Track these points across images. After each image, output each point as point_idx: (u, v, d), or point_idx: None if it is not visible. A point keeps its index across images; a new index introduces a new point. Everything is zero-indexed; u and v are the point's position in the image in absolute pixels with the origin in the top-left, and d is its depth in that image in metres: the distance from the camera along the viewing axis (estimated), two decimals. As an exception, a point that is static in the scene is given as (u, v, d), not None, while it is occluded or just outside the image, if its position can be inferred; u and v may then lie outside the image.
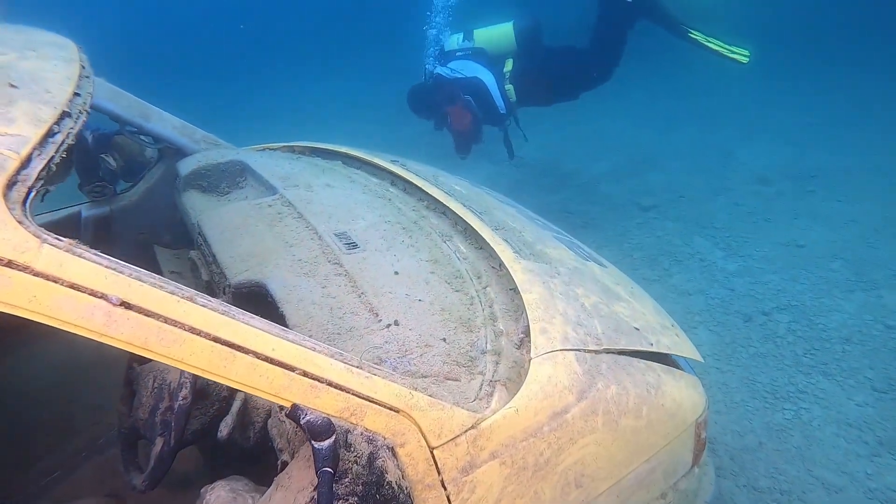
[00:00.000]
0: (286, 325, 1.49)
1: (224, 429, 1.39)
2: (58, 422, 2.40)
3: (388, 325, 1.46)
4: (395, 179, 2.50)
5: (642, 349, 1.66)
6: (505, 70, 5.34)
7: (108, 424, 2.25)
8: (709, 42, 4.90)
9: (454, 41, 5.54)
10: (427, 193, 2.26)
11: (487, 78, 5.26)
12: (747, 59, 4.90)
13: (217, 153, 2.69)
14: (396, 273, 1.70)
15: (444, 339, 1.47)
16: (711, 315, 4.03)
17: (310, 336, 1.45)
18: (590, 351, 1.52)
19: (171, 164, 2.74)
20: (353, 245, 1.83)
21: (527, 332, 1.52)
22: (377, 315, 1.52)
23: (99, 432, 2.37)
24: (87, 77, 1.38)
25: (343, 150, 2.82)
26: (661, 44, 6.02)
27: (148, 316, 0.90)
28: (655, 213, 5.61)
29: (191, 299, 0.95)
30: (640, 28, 5.16)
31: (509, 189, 6.94)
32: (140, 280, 0.91)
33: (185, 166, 2.60)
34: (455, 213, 2.07)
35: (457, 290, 1.69)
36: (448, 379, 1.36)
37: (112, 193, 2.77)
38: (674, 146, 7.27)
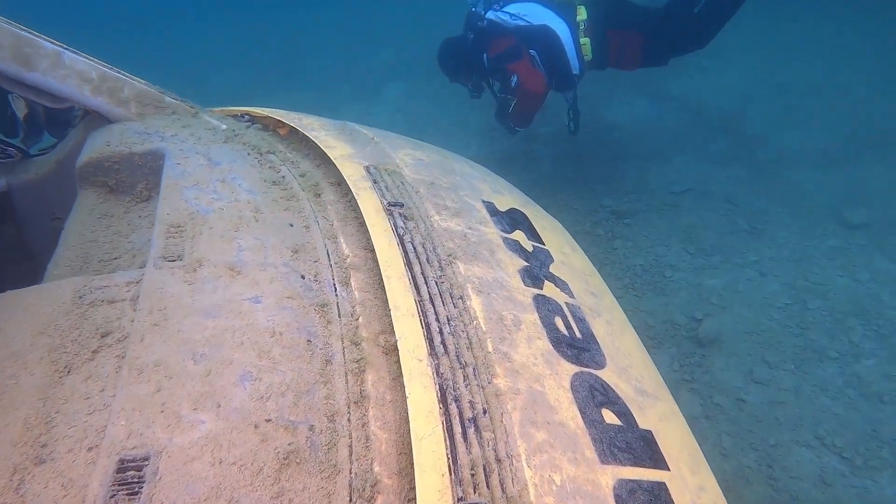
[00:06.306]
0: None
1: None
2: None
3: None
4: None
5: None
6: (578, 19, 3.96)
7: None
8: None
9: None
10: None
11: (560, 28, 3.91)
12: None
13: (139, 132, 1.69)
14: None
15: None
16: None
17: None
18: None
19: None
20: (132, 493, 0.79)
21: None
22: None
23: None
24: None
25: (338, 151, 1.67)
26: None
27: None
28: (865, 237, 3.81)
29: None
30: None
31: (662, 151, 5.25)
32: None
33: (86, 150, 1.66)
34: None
35: None
36: None
37: (20, 157, 1.93)
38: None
